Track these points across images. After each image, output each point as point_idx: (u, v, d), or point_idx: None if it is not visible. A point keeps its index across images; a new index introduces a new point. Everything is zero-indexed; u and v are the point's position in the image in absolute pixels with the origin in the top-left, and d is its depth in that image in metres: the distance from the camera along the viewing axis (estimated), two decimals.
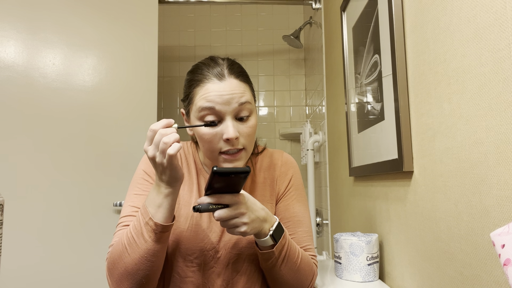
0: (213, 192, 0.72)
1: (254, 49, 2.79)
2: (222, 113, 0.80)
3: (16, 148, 1.70)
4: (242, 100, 0.81)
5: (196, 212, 0.78)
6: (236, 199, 0.73)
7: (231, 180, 0.69)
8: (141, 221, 0.76)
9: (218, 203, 0.72)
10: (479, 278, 0.65)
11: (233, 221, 0.73)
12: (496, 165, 0.60)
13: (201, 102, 0.80)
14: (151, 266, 0.77)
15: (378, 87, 1.10)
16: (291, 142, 2.72)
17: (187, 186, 0.92)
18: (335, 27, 1.72)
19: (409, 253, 0.93)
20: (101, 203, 1.76)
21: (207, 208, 0.71)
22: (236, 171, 0.66)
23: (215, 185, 0.70)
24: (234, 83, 0.81)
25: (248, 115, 0.83)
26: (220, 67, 0.83)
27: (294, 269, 0.84)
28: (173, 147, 0.70)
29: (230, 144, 0.80)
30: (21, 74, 1.76)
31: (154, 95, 1.86)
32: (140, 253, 0.75)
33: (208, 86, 0.80)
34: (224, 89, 0.80)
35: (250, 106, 0.83)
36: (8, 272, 1.60)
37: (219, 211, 0.72)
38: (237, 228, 0.74)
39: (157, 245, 0.75)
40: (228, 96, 0.79)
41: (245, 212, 0.73)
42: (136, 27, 1.89)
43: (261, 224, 0.77)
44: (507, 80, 0.57)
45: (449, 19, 0.73)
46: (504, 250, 0.40)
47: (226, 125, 0.79)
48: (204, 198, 0.73)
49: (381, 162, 1.07)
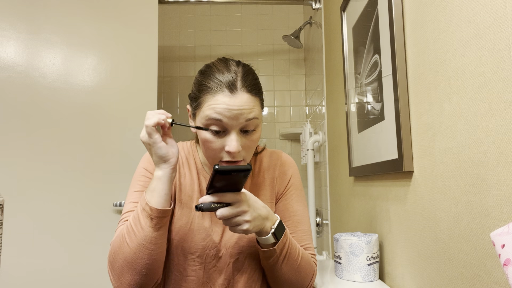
0: (215, 191, 0.73)
1: (254, 49, 2.79)
2: (229, 126, 0.79)
3: (16, 148, 1.70)
4: (250, 116, 0.80)
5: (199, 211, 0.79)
6: (238, 197, 0.73)
7: (232, 178, 0.69)
8: (139, 209, 0.78)
9: (220, 201, 0.72)
10: (479, 278, 0.65)
11: (235, 219, 0.73)
12: (496, 165, 0.60)
13: (209, 111, 0.79)
14: (150, 254, 0.77)
15: (378, 87, 1.10)
16: (291, 142, 2.72)
17: (188, 186, 0.92)
18: (335, 27, 1.72)
19: (409, 253, 0.93)
20: (101, 203, 1.76)
21: (209, 207, 0.71)
22: (237, 169, 0.67)
23: (217, 184, 0.70)
24: (245, 98, 0.79)
25: (253, 129, 0.83)
26: (233, 76, 0.80)
27: (295, 267, 0.84)
28: (152, 118, 0.74)
29: (231, 156, 0.81)
30: (21, 74, 1.76)
31: (154, 95, 1.86)
32: (138, 241, 0.76)
33: (218, 97, 0.78)
34: (234, 104, 0.78)
35: (257, 121, 0.82)
36: (8, 272, 1.60)
37: (221, 210, 0.72)
38: (239, 226, 0.74)
39: (154, 231, 0.76)
40: (237, 112, 0.78)
41: (247, 210, 0.74)
42: (136, 27, 1.89)
43: (263, 222, 0.77)
44: (507, 80, 0.57)
45: (449, 19, 0.73)
46: (504, 250, 0.40)
47: (230, 139, 0.79)
48: (206, 197, 0.73)
49: (381, 162, 1.07)
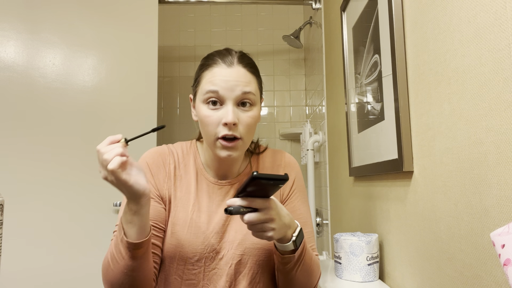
0: (245, 195, 0.71)
1: (254, 49, 2.79)
2: (225, 98, 0.82)
3: (16, 148, 1.70)
4: (246, 89, 0.83)
5: (229, 214, 0.74)
6: (267, 204, 0.72)
7: (267, 186, 0.68)
8: (118, 237, 0.76)
9: (249, 206, 0.71)
10: (479, 278, 0.65)
11: (261, 225, 0.72)
12: (496, 165, 0.60)
13: (207, 85, 0.83)
14: (133, 280, 0.77)
15: (378, 87, 1.10)
16: (291, 142, 2.72)
17: (185, 188, 0.91)
18: (335, 27, 1.72)
19: (409, 253, 0.93)
20: (101, 203, 1.76)
21: (238, 211, 0.70)
22: (276, 178, 0.66)
23: (248, 189, 0.69)
24: (242, 71, 0.84)
25: (250, 105, 0.84)
26: (232, 56, 0.86)
27: (308, 272, 0.85)
28: (113, 161, 0.67)
29: (228, 128, 0.81)
30: (21, 74, 1.76)
31: (154, 95, 1.86)
32: (120, 269, 0.75)
33: (216, 70, 0.83)
34: (230, 75, 0.82)
35: (253, 97, 0.84)
36: (8, 272, 1.60)
37: (249, 215, 0.71)
38: (264, 232, 0.73)
39: (134, 261, 0.75)
40: (233, 83, 0.82)
41: (274, 218, 0.73)
42: (136, 27, 1.89)
43: (286, 230, 0.77)
44: (507, 80, 0.57)
45: (449, 19, 0.73)
46: (504, 250, 0.40)
47: (226, 110, 0.81)
48: (235, 200, 0.71)
49: (381, 162, 1.07)
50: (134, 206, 0.72)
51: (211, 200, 0.90)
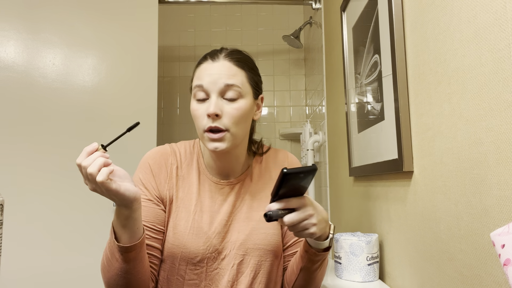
0: (279, 198, 0.72)
1: (254, 49, 2.79)
2: (209, 91, 0.83)
3: (16, 148, 1.70)
4: (229, 81, 0.83)
5: (269, 221, 0.73)
6: (303, 201, 0.72)
7: (298, 182, 0.68)
8: (111, 240, 0.76)
9: (286, 208, 0.71)
10: (479, 278, 0.65)
11: (302, 223, 0.72)
12: (496, 165, 0.60)
13: (195, 81, 0.86)
14: (128, 281, 0.77)
15: (378, 87, 1.10)
16: (291, 142, 2.72)
17: (187, 188, 0.91)
18: (335, 27, 1.72)
19: (409, 253, 0.93)
20: (101, 203, 1.76)
21: (277, 214, 0.70)
22: (305, 170, 0.67)
23: (282, 190, 0.69)
24: (226, 65, 0.85)
25: (235, 98, 0.84)
26: (220, 52, 0.88)
27: (324, 270, 0.88)
28: (101, 173, 0.66)
29: (211, 120, 0.82)
30: (21, 74, 1.76)
31: (154, 95, 1.86)
32: (114, 271, 0.76)
33: (203, 66, 0.86)
34: (213, 68, 0.84)
35: (239, 90, 0.84)
36: (8, 272, 1.60)
37: (289, 216, 0.71)
38: (306, 230, 0.73)
39: (127, 264, 0.75)
40: (216, 76, 0.83)
41: (313, 213, 0.73)
42: (136, 27, 1.89)
43: (326, 225, 0.77)
44: (507, 80, 0.57)
45: (449, 19, 0.73)
46: (504, 250, 0.40)
47: (209, 102, 0.83)
48: (272, 204, 0.71)
49: (381, 162, 1.07)
50: (126, 211, 0.72)
51: (213, 200, 0.90)
